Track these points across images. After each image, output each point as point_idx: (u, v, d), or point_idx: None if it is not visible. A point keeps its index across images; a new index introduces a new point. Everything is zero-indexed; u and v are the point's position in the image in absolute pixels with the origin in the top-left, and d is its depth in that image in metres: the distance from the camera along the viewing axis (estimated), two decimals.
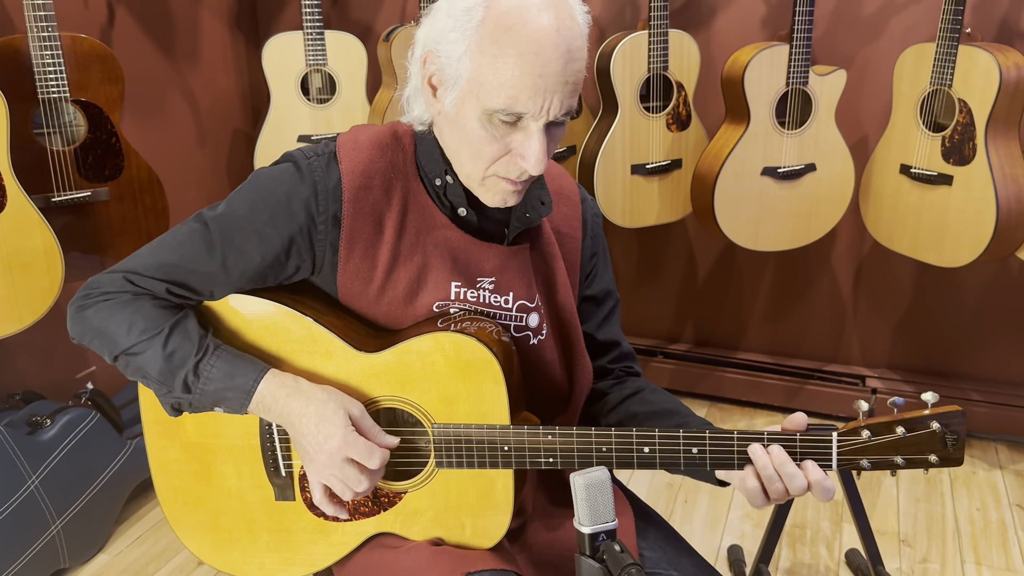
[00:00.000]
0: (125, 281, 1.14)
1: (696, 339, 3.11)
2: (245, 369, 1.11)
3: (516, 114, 1.02)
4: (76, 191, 2.17)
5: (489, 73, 1.01)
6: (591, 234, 1.30)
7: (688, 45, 2.55)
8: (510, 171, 1.08)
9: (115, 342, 1.13)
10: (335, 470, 1.09)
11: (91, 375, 2.61)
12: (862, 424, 1.05)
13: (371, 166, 1.14)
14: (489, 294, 1.18)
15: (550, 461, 1.10)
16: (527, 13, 0.99)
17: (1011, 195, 2.23)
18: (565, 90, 1.02)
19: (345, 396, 1.12)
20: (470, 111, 1.04)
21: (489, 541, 1.17)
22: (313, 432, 1.08)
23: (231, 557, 1.24)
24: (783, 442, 1.06)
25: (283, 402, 1.10)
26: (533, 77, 0.99)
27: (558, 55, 1.00)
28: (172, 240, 1.15)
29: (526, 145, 1.05)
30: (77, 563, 2.17)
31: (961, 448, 1.03)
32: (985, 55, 2.18)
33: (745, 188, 2.49)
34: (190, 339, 1.11)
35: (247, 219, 1.12)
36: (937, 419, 1.03)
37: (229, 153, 3.12)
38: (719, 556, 2.24)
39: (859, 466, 1.05)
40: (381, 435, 1.11)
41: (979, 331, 2.76)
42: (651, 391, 1.31)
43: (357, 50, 2.74)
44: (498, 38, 1.00)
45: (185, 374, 1.10)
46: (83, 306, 1.16)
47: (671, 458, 1.08)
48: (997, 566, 2.19)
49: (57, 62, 2.07)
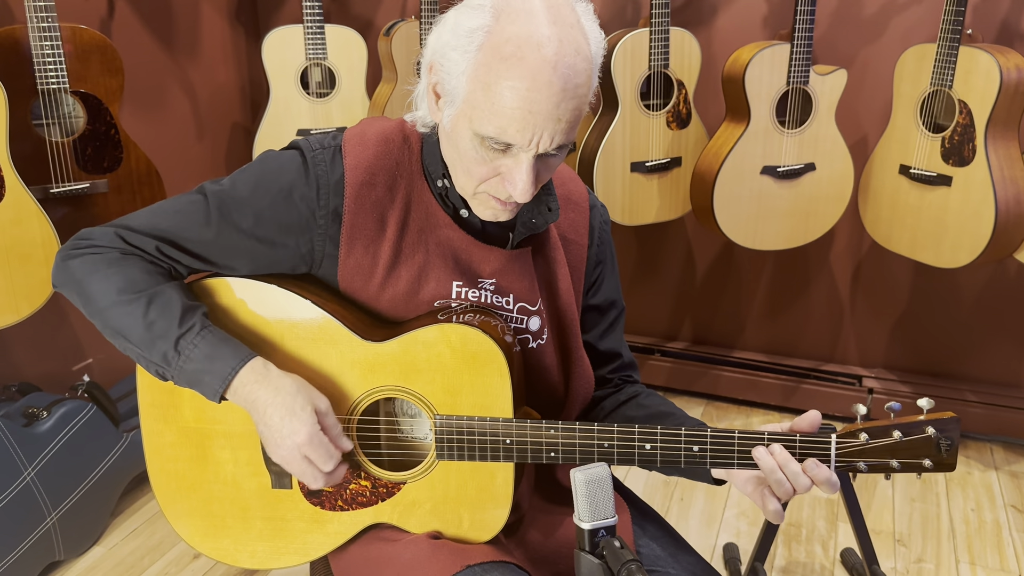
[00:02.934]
0: (116, 236, 1.14)
1: (693, 337, 3.11)
2: (226, 354, 1.09)
3: (505, 143, 1.02)
4: (75, 183, 2.16)
5: (482, 99, 1.00)
6: (598, 241, 1.29)
7: (689, 43, 2.55)
8: (499, 192, 1.07)
9: (92, 298, 1.12)
10: (295, 464, 1.09)
11: (88, 367, 2.61)
12: (860, 427, 1.06)
13: (376, 163, 1.13)
14: (490, 295, 1.18)
15: (552, 455, 1.11)
16: (526, 45, 0.97)
17: (1010, 197, 2.23)
18: (557, 127, 1.00)
19: (312, 389, 1.11)
20: (463, 131, 1.04)
21: (487, 534, 1.17)
22: (278, 425, 1.07)
23: (223, 544, 1.24)
24: (783, 443, 1.06)
25: (250, 387, 1.08)
26: (523, 112, 0.98)
27: (551, 93, 0.97)
28: (171, 206, 1.15)
29: (514, 172, 1.04)
30: (72, 555, 2.17)
31: (954, 454, 1.05)
32: (986, 56, 2.18)
33: (744, 187, 2.49)
34: (171, 311, 1.09)
35: (248, 199, 1.13)
36: (933, 424, 1.04)
37: (228, 146, 3.12)
38: (715, 554, 2.24)
39: (856, 468, 1.06)
40: (341, 438, 1.11)
41: (976, 332, 2.76)
42: (646, 395, 1.31)
43: (357, 44, 2.74)
44: (493, 67, 0.98)
45: (165, 348, 1.09)
46: (70, 255, 1.15)
47: (672, 455, 1.08)
48: (991, 566, 2.19)
49: (57, 53, 2.06)
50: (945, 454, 1.04)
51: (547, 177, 1.08)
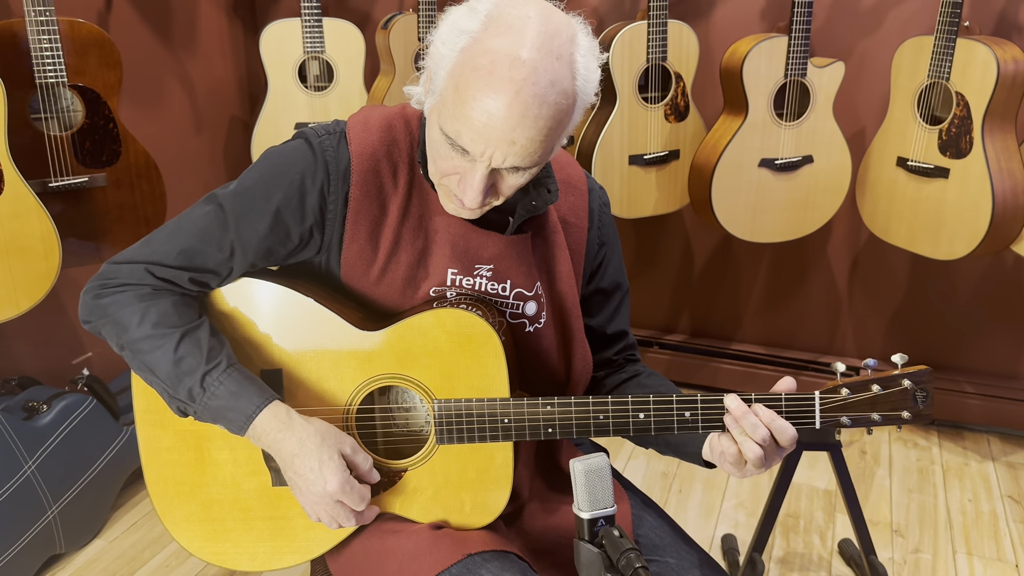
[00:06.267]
0: (146, 273, 1.14)
1: (692, 330, 3.12)
2: (251, 393, 1.10)
3: (461, 148, 1.02)
4: (73, 176, 2.16)
5: (451, 98, 1.01)
6: (598, 224, 1.30)
7: (687, 36, 2.55)
8: (457, 191, 1.08)
9: (126, 330, 1.13)
10: (326, 507, 1.12)
11: (87, 361, 2.61)
12: (840, 383, 1.12)
13: (380, 148, 1.14)
14: (486, 281, 1.19)
15: (549, 431, 1.12)
16: (500, 61, 0.97)
17: (1007, 188, 2.24)
18: (510, 149, 1.00)
19: (335, 433, 1.12)
20: (434, 122, 1.05)
21: (489, 516, 1.18)
22: (308, 475, 1.10)
23: (222, 548, 1.23)
24: (768, 402, 1.09)
25: (274, 435, 1.10)
26: (480, 124, 0.98)
27: (509, 115, 0.97)
28: (188, 224, 1.15)
29: (467, 178, 1.05)
30: (73, 548, 2.17)
31: (930, 405, 1.10)
32: (983, 48, 2.18)
33: (742, 179, 2.49)
34: (200, 349, 1.11)
35: (260, 197, 1.13)
36: (908, 377, 1.10)
37: (226, 140, 3.11)
38: (713, 545, 2.25)
39: (840, 423, 1.11)
40: (371, 473, 1.14)
41: (973, 324, 2.77)
42: (647, 375, 1.33)
43: (355, 38, 2.73)
44: (466, 73, 0.99)
45: (191, 384, 1.10)
46: (100, 294, 1.15)
47: (665, 423, 1.11)
48: (988, 556, 2.21)
49: (55, 47, 2.06)
50: (922, 405, 1.10)
51: (508, 193, 1.08)
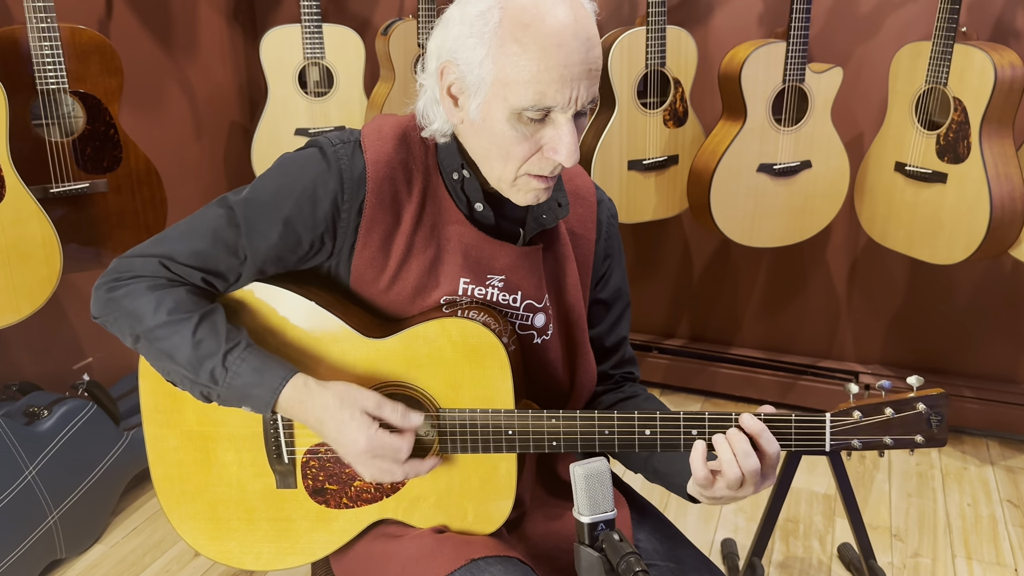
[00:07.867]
0: (160, 266, 1.14)
1: (691, 334, 3.13)
2: (274, 367, 1.10)
3: (545, 108, 1.03)
4: (74, 182, 2.17)
5: (513, 72, 1.02)
6: (605, 236, 1.30)
7: (685, 41, 2.56)
8: (543, 167, 1.09)
9: (141, 320, 1.12)
10: (367, 466, 1.11)
11: (88, 366, 2.62)
12: (853, 405, 1.09)
13: (394, 157, 1.14)
14: (498, 292, 1.19)
15: (553, 444, 1.12)
16: (543, 8, 1.01)
17: (1004, 193, 2.25)
18: (590, 77, 1.04)
19: (356, 391, 1.11)
20: (497, 113, 1.05)
21: (491, 526, 1.18)
22: (339, 439, 1.10)
23: (227, 547, 1.24)
24: (777, 424, 1.08)
25: (297, 409, 1.11)
26: (559, 69, 1.01)
27: (579, 44, 1.01)
28: (201, 227, 1.15)
29: (557, 139, 1.06)
30: (74, 553, 2.17)
31: (945, 429, 1.07)
32: (980, 54, 2.19)
33: (741, 184, 2.50)
34: (217, 332, 1.11)
35: (272, 204, 1.13)
36: (923, 401, 1.07)
37: (226, 146, 3.12)
38: (713, 549, 2.25)
39: (850, 446, 1.09)
40: (405, 417, 1.10)
41: (972, 328, 2.78)
42: (645, 398, 1.33)
43: (355, 43, 2.74)
44: (519, 36, 1.01)
45: (213, 366, 1.10)
46: (114, 287, 1.15)
47: (672, 440, 1.10)
48: (987, 560, 2.21)
49: (56, 53, 2.06)
50: (936, 429, 1.07)
51: (579, 140, 1.10)
